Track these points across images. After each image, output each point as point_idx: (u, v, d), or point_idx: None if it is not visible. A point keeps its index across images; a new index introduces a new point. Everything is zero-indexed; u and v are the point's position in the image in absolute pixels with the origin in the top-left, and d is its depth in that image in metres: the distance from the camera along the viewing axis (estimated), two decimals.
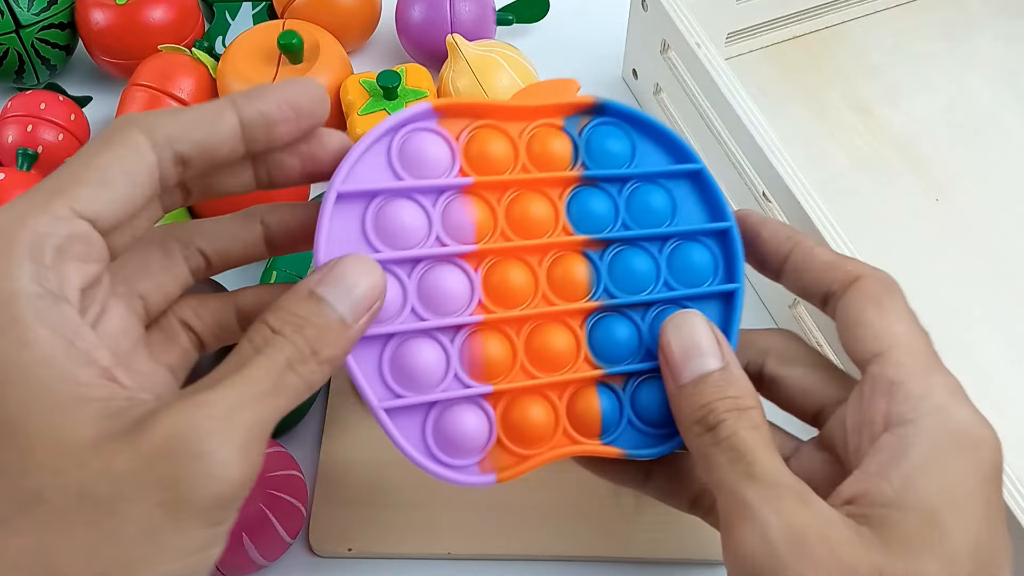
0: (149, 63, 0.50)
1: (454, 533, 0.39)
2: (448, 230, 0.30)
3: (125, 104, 0.50)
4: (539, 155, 0.32)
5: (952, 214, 0.49)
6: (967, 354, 0.44)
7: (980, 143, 0.51)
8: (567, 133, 0.32)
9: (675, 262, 0.32)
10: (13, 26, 0.50)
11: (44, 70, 0.52)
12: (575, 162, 0.32)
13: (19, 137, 0.48)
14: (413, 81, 0.49)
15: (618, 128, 0.33)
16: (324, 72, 0.49)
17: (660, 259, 0.32)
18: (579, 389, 0.31)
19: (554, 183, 0.32)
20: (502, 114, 0.32)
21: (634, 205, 0.32)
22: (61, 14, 0.51)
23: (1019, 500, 0.32)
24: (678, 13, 0.44)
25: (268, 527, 0.36)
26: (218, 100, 0.25)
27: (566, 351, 0.31)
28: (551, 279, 0.31)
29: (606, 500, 0.40)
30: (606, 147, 0.32)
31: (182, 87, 0.49)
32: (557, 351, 0.30)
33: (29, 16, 0.50)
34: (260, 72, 0.48)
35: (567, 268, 0.31)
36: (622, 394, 0.31)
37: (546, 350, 0.30)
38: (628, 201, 0.32)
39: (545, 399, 0.30)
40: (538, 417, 0.30)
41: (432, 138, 0.31)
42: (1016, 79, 0.54)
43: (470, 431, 0.29)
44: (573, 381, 0.30)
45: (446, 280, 0.30)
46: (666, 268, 0.32)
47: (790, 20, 0.54)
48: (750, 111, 0.41)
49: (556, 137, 0.32)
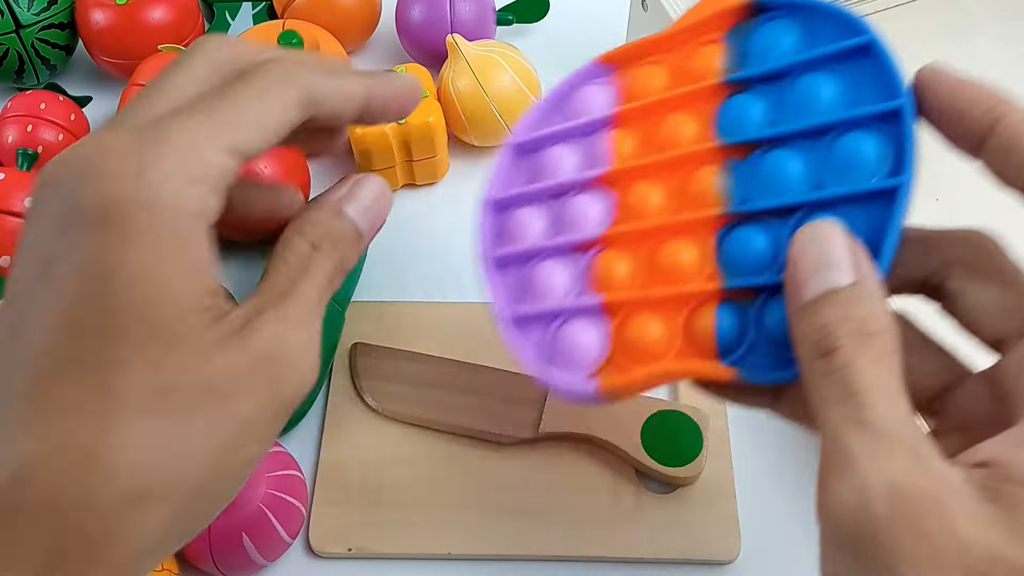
0: (149, 63, 0.50)
1: (454, 533, 0.39)
2: (589, 162, 0.31)
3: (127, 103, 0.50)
4: (694, 73, 0.30)
5: (952, 214, 0.49)
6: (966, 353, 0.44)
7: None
8: (727, 43, 0.30)
9: (832, 158, 0.26)
10: (13, 26, 0.49)
11: (44, 70, 0.52)
12: (728, 72, 0.29)
13: (19, 137, 0.48)
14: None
15: (782, 22, 0.29)
16: None
17: (813, 156, 0.27)
18: (699, 305, 0.27)
19: (701, 96, 0.29)
20: (664, 45, 0.31)
21: (789, 100, 0.28)
22: (61, 14, 0.51)
23: None
24: (678, 13, 0.44)
25: (268, 527, 0.36)
26: (354, 72, 0.28)
27: (691, 265, 0.28)
28: (686, 193, 0.29)
29: (606, 500, 0.40)
30: (764, 43, 0.29)
31: None
32: (680, 265, 0.28)
33: (29, 16, 0.50)
34: None
35: (701, 178, 0.28)
36: (749, 312, 0.26)
37: (669, 264, 0.28)
38: (785, 96, 0.28)
39: (662, 315, 0.28)
40: (652, 333, 0.28)
41: (595, 89, 0.32)
42: (1016, 79, 0.54)
43: (583, 344, 0.28)
44: (693, 296, 0.27)
45: (580, 202, 0.30)
46: (821, 166, 0.27)
47: None
48: None
49: (711, 50, 0.30)
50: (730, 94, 0.29)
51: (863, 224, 0.25)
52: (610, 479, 0.40)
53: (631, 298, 0.28)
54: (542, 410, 0.41)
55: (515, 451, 0.41)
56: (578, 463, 0.41)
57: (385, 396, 0.42)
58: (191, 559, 0.37)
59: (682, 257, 0.28)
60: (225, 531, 0.36)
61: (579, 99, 0.32)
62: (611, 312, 0.29)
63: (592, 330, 0.29)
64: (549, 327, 0.30)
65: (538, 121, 0.33)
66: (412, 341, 0.44)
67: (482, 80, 0.48)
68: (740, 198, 0.27)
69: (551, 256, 0.30)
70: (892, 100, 0.26)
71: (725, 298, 0.27)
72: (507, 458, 0.41)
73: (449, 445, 0.41)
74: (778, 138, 0.27)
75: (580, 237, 0.30)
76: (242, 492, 0.36)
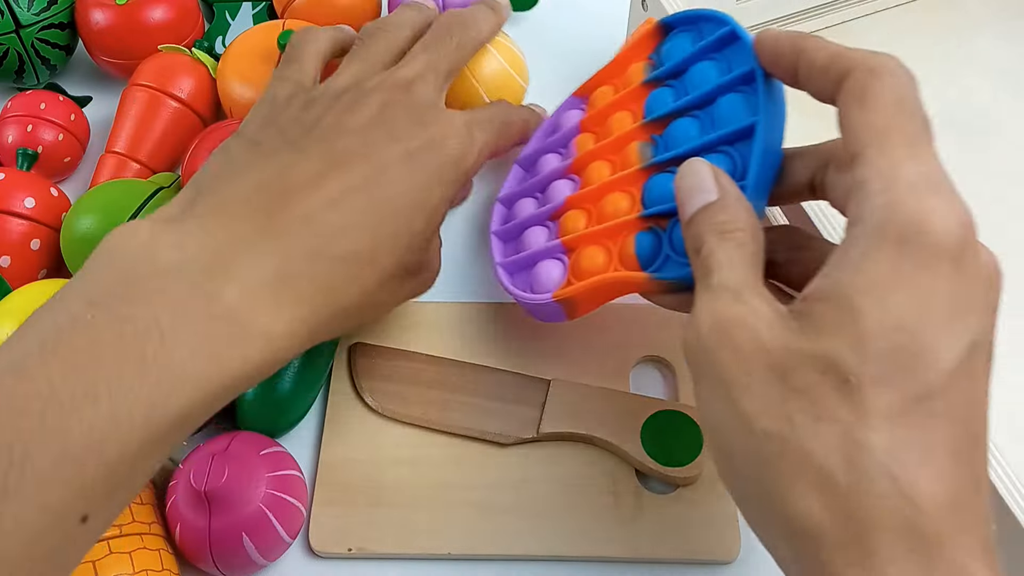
0: (149, 63, 0.50)
1: (454, 533, 0.39)
2: (568, 157, 0.42)
3: (125, 105, 0.50)
4: (628, 84, 0.41)
5: None
6: None
7: (980, 143, 0.51)
8: (650, 59, 0.41)
9: (716, 117, 0.36)
10: (13, 26, 0.50)
11: (44, 70, 0.52)
12: (647, 78, 0.40)
13: (19, 137, 0.48)
14: None
15: (685, 33, 0.39)
16: None
17: (705, 120, 0.36)
18: (627, 235, 0.37)
19: (633, 97, 0.41)
20: (612, 71, 0.44)
21: (689, 84, 0.38)
22: (61, 14, 0.51)
23: (1019, 500, 0.32)
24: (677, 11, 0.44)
25: (268, 527, 0.36)
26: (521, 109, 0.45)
27: (625, 210, 0.37)
28: (622, 164, 0.39)
29: (606, 500, 0.40)
30: (672, 52, 0.39)
31: (182, 87, 0.50)
32: (618, 210, 0.38)
33: (29, 16, 0.50)
34: (259, 72, 0.48)
35: (633, 149, 0.39)
36: (663, 234, 0.35)
37: (610, 211, 0.38)
38: (685, 83, 0.38)
39: (603, 246, 0.38)
40: (596, 259, 0.38)
41: (574, 112, 0.45)
42: (1016, 79, 0.54)
43: (549, 274, 0.39)
44: (622, 227, 0.37)
45: (557, 186, 0.42)
46: (710, 125, 0.36)
47: (790, 20, 0.54)
48: None
49: (639, 66, 0.41)
50: (651, 91, 0.40)
51: (741, 155, 0.34)
52: (610, 479, 0.40)
53: (581, 236, 0.39)
54: (542, 410, 0.41)
55: (515, 451, 0.41)
56: (578, 463, 0.41)
57: (385, 396, 0.42)
58: (191, 559, 0.37)
59: (619, 205, 0.38)
60: (225, 531, 0.36)
61: (563, 121, 0.45)
62: (570, 250, 0.39)
63: (557, 264, 0.40)
64: (531, 269, 0.41)
65: (537, 140, 0.46)
66: (412, 341, 0.44)
67: (470, 65, 0.48)
68: (658, 157, 0.37)
69: (535, 224, 0.42)
70: (746, 66, 0.34)
71: (645, 227, 0.36)
72: (507, 458, 0.41)
73: (449, 445, 0.41)
74: (680, 111, 0.37)
75: (553, 206, 0.41)
76: (242, 492, 0.36)
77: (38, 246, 0.45)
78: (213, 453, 0.36)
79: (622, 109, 0.41)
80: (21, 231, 0.45)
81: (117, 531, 0.35)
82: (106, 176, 0.49)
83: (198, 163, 0.45)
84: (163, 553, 0.37)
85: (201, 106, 0.51)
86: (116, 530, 0.35)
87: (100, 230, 0.43)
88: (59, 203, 0.47)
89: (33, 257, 0.45)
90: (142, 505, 0.37)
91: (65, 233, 0.44)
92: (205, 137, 0.46)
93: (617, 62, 0.43)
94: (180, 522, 0.37)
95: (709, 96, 0.36)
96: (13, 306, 0.41)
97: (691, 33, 0.39)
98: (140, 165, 0.49)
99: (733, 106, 0.35)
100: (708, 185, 0.30)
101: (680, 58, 0.38)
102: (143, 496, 0.38)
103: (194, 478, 0.36)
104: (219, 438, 0.38)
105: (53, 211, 0.46)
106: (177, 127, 0.50)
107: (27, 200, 0.45)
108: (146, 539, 0.36)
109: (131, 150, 0.49)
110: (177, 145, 0.50)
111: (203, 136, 0.47)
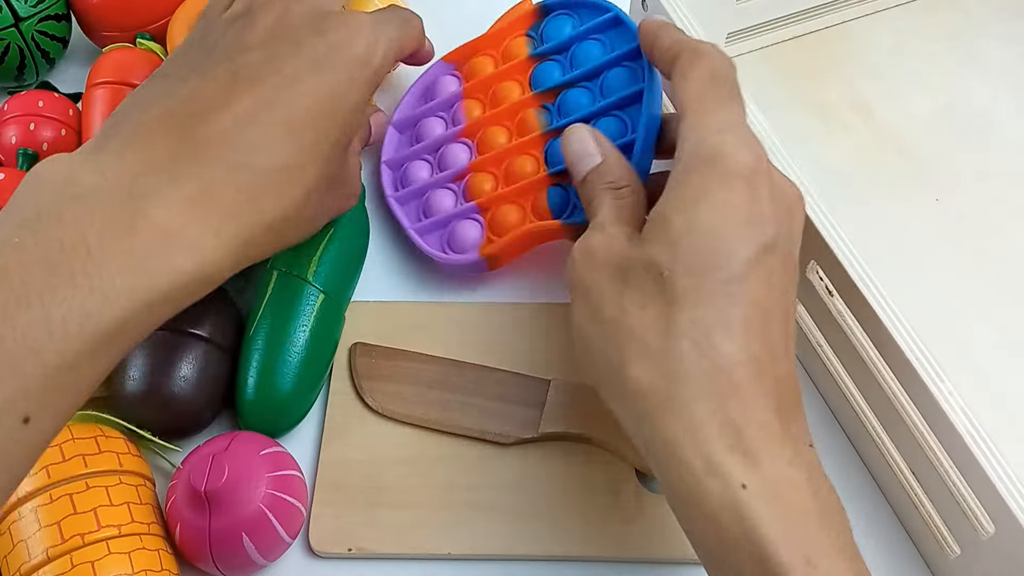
0: (102, 62, 0.51)
1: (454, 533, 0.39)
2: (455, 123, 0.47)
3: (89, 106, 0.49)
4: (509, 56, 0.47)
5: (952, 214, 0.49)
6: (966, 353, 0.44)
7: (980, 143, 0.51)
8: (529, 36, 0.47)
9: (605, 88, 0.43)
10: (12, 20, 0.50)
11: (44, 64, 0.52)
12: (532, 52, 0.46)
13: (22, 136, 0.48)
14: None
15: (563, 15, 0.46)
16: None
17: (594, 90, 0.43)
18: (538, 191, 0.43)
19: (518, 69, 0.46)
20: (485, 43, 0.48)
21: (575, 60, 0.44)
22: (56, 4, 0.51)
23: (1019, 500, 0.32)
24: (678, 13, 0.44)
25: (268, 527, 0.36)
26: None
27: (531, 172, 0.43)
28: (519, 130, 0.45)
29: (606, 500, 0.40)
30: (553, 31, 0.46)
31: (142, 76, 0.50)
32: (524, 172, 0.44)
33: (27, 8, 0.50)
34: None
35: (528, 117, 0.45)
36: (569, 188, 0.42)
37: (517, 172, 0.44)
38: (571, 59, 0.45)
39: (517, 204, 0.43)
40: (511, 216, 0.43)
41: (448, 79, 0.49)
42: (1016, 79, 0.54)
43: (469, 235, 0.44)
44: (533, 185, 0.43)
45: (451, 150, 0.46)
46: (599, 95, 0.43)
47: (790, 20, 0.54)
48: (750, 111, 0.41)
49: (520, 41, 0.47)
50: (536, 65, 0.46)
51: (630, 118, 0.41)
52: (610, 479, 0.40)
53: (495, 197, 0.44)
54: (542, 410, 0.41)
55: (515, 451, 0.41)
56: (578, 463, 0.41)
57: (385, 396, 0.42)
58: (190, 559, 0.37)
59: (525, 167, 0.44)
60: (225, 531, 0.36)
61: (438, 86, 0.49)
62: (484, 211, 0.44)
63: (474, 224, 0.44)
64: (444, 231, 0.45)
65: (410, 105, 0.49)
66: (412, 341, 0.44)
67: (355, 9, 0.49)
68: (555, 123, 0.44)
69: (438, 187, 0.46)
70: (631, 44, 0.42)
71: (553, 183, 0.43)
72: (507, 458, 0.41)
73: (449, 445, 0.41)
74: (570, 83, 0.44)
75: (455, 171, 0.45)
76: (242, 492, 0.36)
77: None
78: (213, 453, 0.36)
79: (508, 79, 0.46)
80: None
81: (115, 531, 0.35)
82: None
83: None
84: (162, 553, 0.36)
85: None
86: (114, 530, 0.35)
87: None
88: None
89: None
90: (141, 505, 0.37)
91: None
92: None
93: (492, 35, 0.48)
94: (180, 522, 0.37)
95: (597, 70, 0.43)
96: None
97: (571, 17, 0.46)
98: None
99: (620, 78, 0.42)
100: (592, 149, 0.37)
101: (564, 37, 0.45)
102: (142, 495, 0.38)
103: (194, 478, 0.35)
104: (219, 438, 0.38)
105: None
106: None
107: None
108: (145, 539, 0.36)
109: None
110: None
111: None
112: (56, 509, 0.35)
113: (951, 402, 0.33)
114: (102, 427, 0.39)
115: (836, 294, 0.38)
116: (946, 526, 0.37)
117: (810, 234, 0.38)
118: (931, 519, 0.37)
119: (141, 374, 0.39)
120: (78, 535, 0.35)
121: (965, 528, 0.35)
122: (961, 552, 0.36)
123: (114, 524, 0.36)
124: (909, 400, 0.35)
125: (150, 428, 0.40)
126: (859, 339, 0.37)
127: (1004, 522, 0.32)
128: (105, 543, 0.35)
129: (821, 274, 0.38)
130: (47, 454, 0.36)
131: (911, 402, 0.35)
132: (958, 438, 0.33)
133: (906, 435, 0.36)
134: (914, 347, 0.34)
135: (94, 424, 0.39)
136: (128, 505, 0.36)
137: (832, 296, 0.38)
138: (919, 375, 0.34)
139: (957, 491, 0.34)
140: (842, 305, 0.38)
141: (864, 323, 0.37)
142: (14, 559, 0.35)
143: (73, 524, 0.35)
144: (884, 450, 0.39)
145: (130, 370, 0.40)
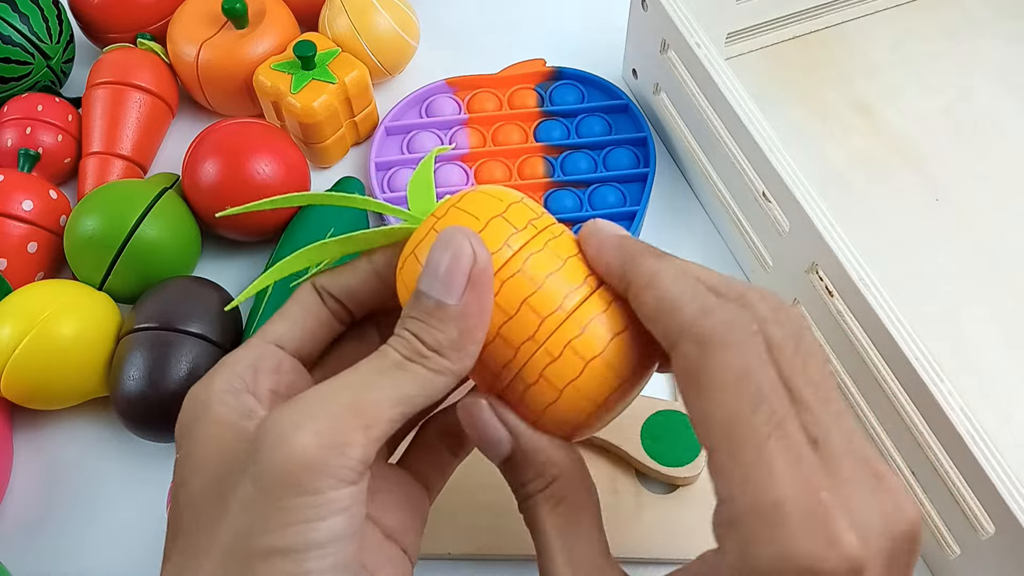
0: (103, 62, 0.51)
1: (454, 533, 0.39)
2: (455, 146, 0.50)
3: (90, 106, 0.50)
4: (516, 103, 0.52)
5: (952, 214, 0.49)
6: (967, 353, 0.44)
7: (980, 143, 0.51)
8: (536, 91, 0.53)
9: (609, 160, 0.50)
10: (44, 62, 0.51)
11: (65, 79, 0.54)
12: (540, 107, 0.52)
13: (18, 139, 0.48)
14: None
15: (572, 85, 0.53)
16: (269, 35, 0.50)
17: (597, 159, 0.50)
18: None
19: (524, 118, 0.52)
20: (491, 83, 0.53)
21: (581, 129, 0.51)
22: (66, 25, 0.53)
23: (1019, 500, 0.32)
24: (678, 13, 0.44)
25: None
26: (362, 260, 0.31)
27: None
28: (520, 171, 0.50)
29: (606, 500, 0.40)
30: (562, 96, 0.52)
31: (141, 75, 0.51)
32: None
33: (54, 48, 0.51)
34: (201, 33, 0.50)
35: (532, 163, 0.50)
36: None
37: None
38: (577, 127, 0.51)
39: None
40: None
41: (446, 98, 0.53)
42: (1016, 79, 0.54)
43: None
44: None
45: (447, 170, 0.50)
46: (600, 165, 0.50)
47: (790, 20, 0.54)
48: (750, 111, 0.41)
49: (528, 93, 0.53)
50: (541, 120, 0.52)
51: (629, 193, 0.49)
52: (610, 479, 0.40)
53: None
54: None
55: None
56: None
57: None
58: None
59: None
60: None
61: (435, 104, 0.53)
62: None
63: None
64: None
65: (400, 113, 0.52)
66: None
67: (357, 22, 0.48)
68: (557, 176, 0.49)
69: None
70: (641, 133, 0.50)
71: None
72: None
73: None
74: (575, 147, 0.50)
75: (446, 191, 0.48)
76: None
77: (35, 249, 0.45)
78: None
79: (513, 123, 0.51)
80: (19, 234, 0.45)
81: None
82: (91, 179, 0.49)
83: (197, 163, 0.45)
84: None
85: (163, 91, 0.52)
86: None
87: (104, 231, 0.43)
88: (58, 206, 0.47)
89: (31, 260, 0.45)
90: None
91: (68, 234, 0.44)
92: (204, 137, 0.46)
93: (502, 78, 0.53)
94: None
95: (601, 144, 0.50)
96: (13, 306, 0.41)
97: (575, 88, 0.52)
98: (123, 159, 0.50)
99: (624, 157, 0.50)
100: (499, 434, 0.29)
101: (571, 106, 0.51)
102: None
103: None
104: None
105: (52, 214, 0.46)
106: (146, 114, 0.51)
107: (25, 203, 0.45)
108: None
109: (108, 146, 0.49)
110: (151, 132, 0.51)
111: (202, 136, 0.46)
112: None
113: (951, 402, 0.33)
114: None
115: (836, 294, 0.38)
116: (946, 526, 0.36)
117: (810, 234, 0.38)
118: (931, 519, 0.37)
119: (141, 374, 0.39)
120: None
121: (965, 528, 0.35)
122: (961, 552, 0.36)
123: None
124: (909, 400, 0.35)
125: (150, 428, 0.40)
126: (859, 339, 0.37)
127: (1004, 522, 0.32)
128: None
129: (821, 274, 0.38)
130: None
131: (911, 402, 0.35)
132: (958, 438, 0.33)
133: (906, 435, 0.36)
134: (914, 347, 0.34)
135: None
136: None
137: (832, 296, 0.38)
138: (919, 375, 0.34)
139: (957, 491, 0.34)
140: (842, 305, 0.38)
141: (864, 323, 0.37)
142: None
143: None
144: (884, 450, 0.39)
145: (130, 370, 0.40)
